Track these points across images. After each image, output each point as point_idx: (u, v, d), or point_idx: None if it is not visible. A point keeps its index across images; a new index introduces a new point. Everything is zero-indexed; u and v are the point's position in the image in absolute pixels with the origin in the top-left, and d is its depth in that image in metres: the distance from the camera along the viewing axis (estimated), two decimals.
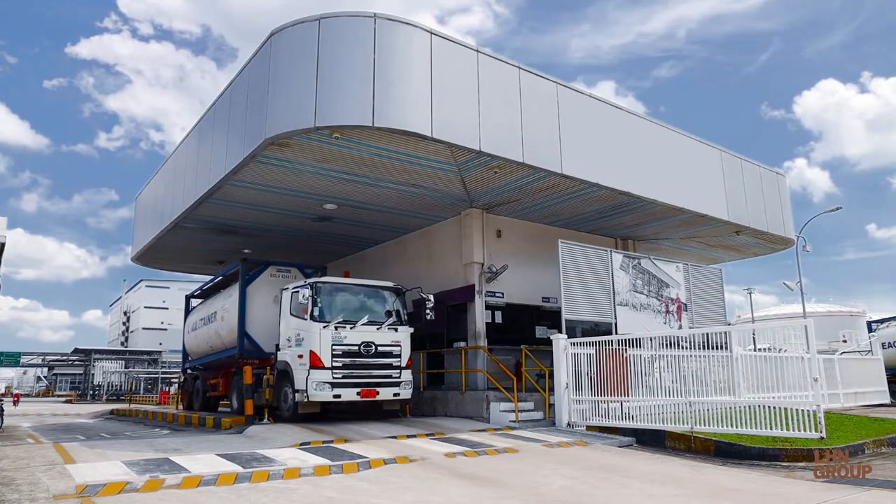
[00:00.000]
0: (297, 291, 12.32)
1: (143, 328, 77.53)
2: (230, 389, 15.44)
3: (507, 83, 11.64)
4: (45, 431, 14.85)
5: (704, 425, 9.88)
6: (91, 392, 51.39)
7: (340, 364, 11.72)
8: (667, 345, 11.19)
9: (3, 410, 15.73)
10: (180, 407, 20.29)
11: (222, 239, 17.03)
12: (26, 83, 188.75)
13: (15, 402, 30.24)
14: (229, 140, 12.22)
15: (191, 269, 22.31)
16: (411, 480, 7.31)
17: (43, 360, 60.51)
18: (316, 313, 11.93)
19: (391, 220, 15.80)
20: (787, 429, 9.35)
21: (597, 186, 13.02)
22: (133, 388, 44.91)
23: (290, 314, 12.64)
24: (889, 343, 24.64)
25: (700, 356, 10.75)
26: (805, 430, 9.34)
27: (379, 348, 12.20)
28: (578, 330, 13.16)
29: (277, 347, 13.17)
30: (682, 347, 10.92)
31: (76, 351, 56.19)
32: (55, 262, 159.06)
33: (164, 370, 53.75)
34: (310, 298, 11.91)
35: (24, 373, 70.88)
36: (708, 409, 10.43)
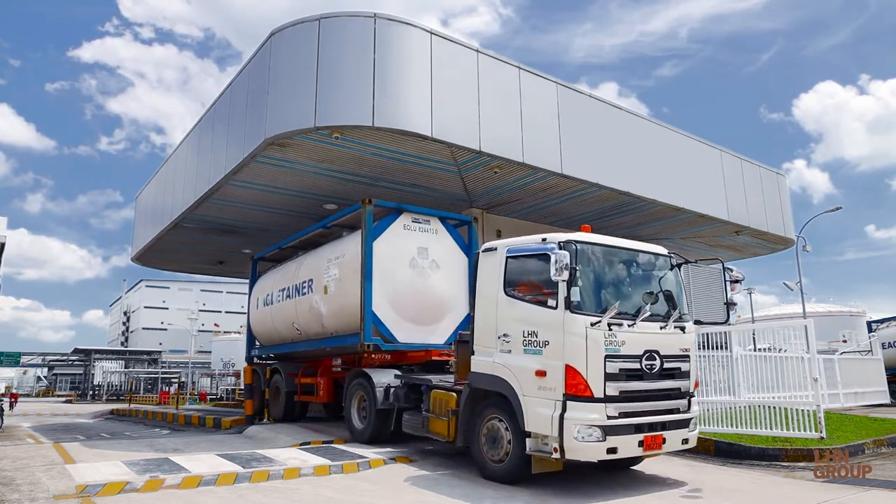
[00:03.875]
0: (533, 257, 7.22)
1: (143, 328, 77.50)
2: (343, 398, 10.73)
3: (507, 83, 11.63)
4: (45, 431, 14.85)
5: (704, 425, 9.88)
6: (91, 392, 51.36)
7: (617, 392, 6.56)
8: None
9: (2, 410, 15.73)
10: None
11: (222, 239, 17.01)
12: (29, 86, 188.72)
13: (12, 404, 29.52)
14: (229, 140, 12.22)
15: (191, 269, 22.30)
16: (412, 480, 7.31)
17: (43, 360, 60.47)
18: (576, 298, 6.66)
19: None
20: (788, 429, 9.36)
21: (597, 186, 13.01)
22: (133, 388, 44.89)
23: (509, 294, 7.31)
24: (889, 343, 24.63)
25: (700, 356, 10.76)
26: (805, 430, 9.35)
27: (665, 362, 7.00)
28: None
29: (456, 343, 8.66)
30: None
31: (76, 351, 56.15)
32: (58, 262, 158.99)
33: (164, 370, 53.73)
34: (565, 270, 6.56)
35: (25, 373, 70.83)
36: (708, 409, 10.44)
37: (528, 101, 11.81)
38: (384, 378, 9.66)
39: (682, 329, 7.25)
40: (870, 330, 29.25)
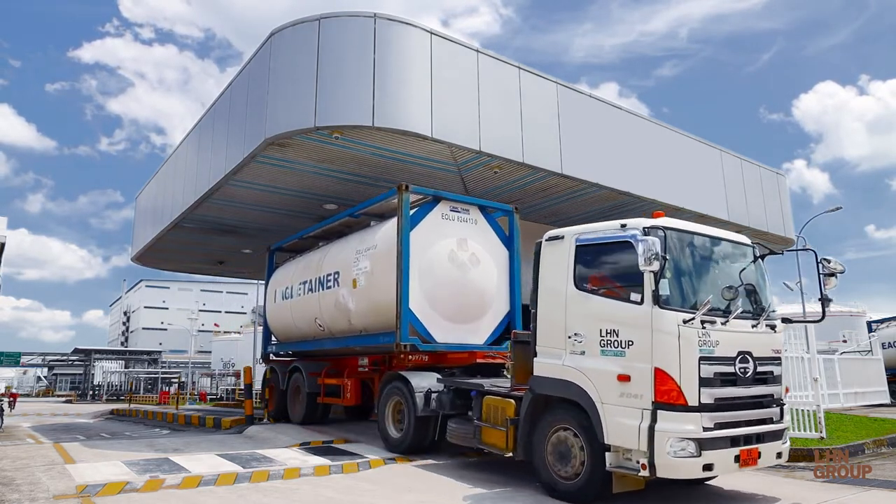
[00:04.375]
0: (611, 245, 6.40)
1: (143, 328, 77.55)
2: (375, 403, 9.85)
3: (507, 83, 11.63)
4: (45, 431, 14.85)
5: None
6: (91, 392, 51.36)
7: (711, 399, 5.79)
8: None
9: (2, 410, 15.73)
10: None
11: (222, 239, 17.01)
12: (29, 86, 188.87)
13: (11, 403, 28.78)
14: (229, 140, 12.21)
15: (191, 269, 22.29)
16: (412, 480, 7.31)
17: (43, 360, 60.50)
18: (665, 292, 5.94)
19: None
20: (788, 428, 9.34)
21: (597, 186, 13.01)
22: (133, 388, 44.89)
23: (581, 288, 6.53)
24: (889, 343, 24.64)
25: None
26: (805, 429, 9.35)
27: (757, 365, 6.24)
28: None
29: (512, 344, 7.81)
30: None
31: (76, 351, 56.17)
32: (58, 262, 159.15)
33: (164, 370, 53.75)
34: (655, 259, 5.73)
35: (25, 373, 70.83)
36: None
37: (528, 101, 11.81)
38: (425, 382, 8.78)
39: (773, 328, 6.51)
40: (870, 330, 29.26)
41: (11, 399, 32.27)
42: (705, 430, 5.63)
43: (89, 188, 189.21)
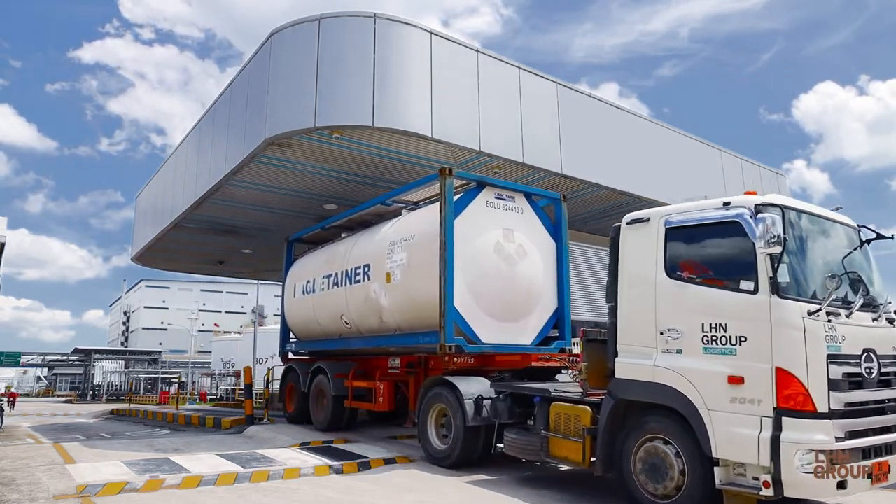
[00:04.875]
0: (711, 226, 5.64)
1: (143, 328, 77.55)
2: (416, 411, 8.79)
3: (507, 83, 11.64)
4: (45, 431, 14.85)
5: None
6: (91, 392, 51.36)
7: (841, 405, 5.03)
8: None
9: (2, 410, 15.74)
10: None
11: (222, 239, 17.01)
12: (30, 87, 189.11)
13: (11, 403, 28.12)
14: (229, 140, 12.22)
15: (191, 269, 22.30)
16: (412, 480, 7.31)
17: (43, 360, 60.48)
18: (784, 279, 5.17)
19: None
20: None
21: (597, 186, 13.02)
22: (133, 388, 44.88)
23: (675, 276, 5.77)
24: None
25: None
26: None
27: (881, 365, 5.45)
28: (578, 330, 13.14)
29: (584, 342, 7.03)
30: None
31: (76, 351, 56.17)
32: (59, 262, 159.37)
33: (164, 370, 53.73)
34: (776, 242, 5.00)
35: (24, 373, 70.80)
36: None
37: (528, 101, 11.81)
38: (474, 387, 7.84)
39: (892, 322, 5.74)
40: None
41: (11, 399, 32.21)
42: (837, 440, 4.83)
43: (90, 188, 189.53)
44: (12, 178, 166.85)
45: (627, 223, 6.32)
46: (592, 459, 6.09)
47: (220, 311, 76.59)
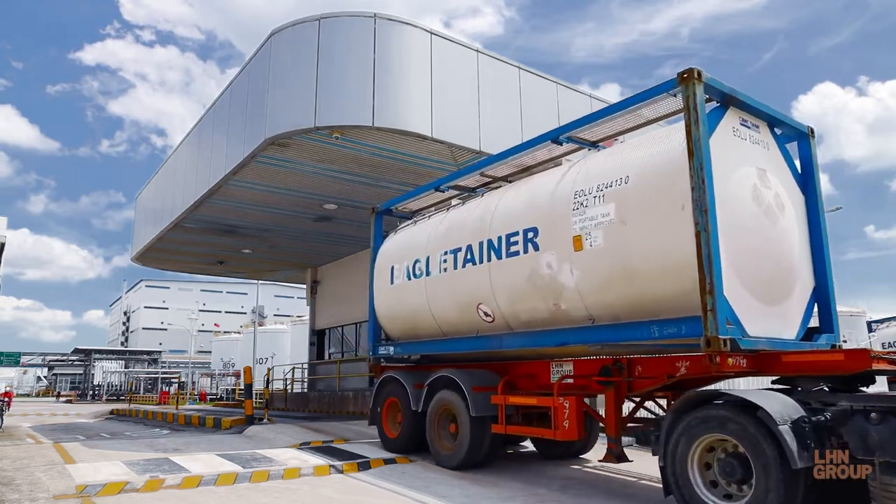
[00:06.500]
0: None
1: (143, 328, 77.63)
2: (660, 447, 5.59)
3: (507, 83, 11.65)
4: (45, 431, 14.84)
5: None
6: (91, 392, 51.37)
7: None
8: None
9: (2, 410, 15.73)
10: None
11: (222, 239, 17.02)
12: (31, 88, 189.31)
13: (7, 403, 27.63)
14: (229, 140, 12.22)
15: (191, 269, 22.30)
16: (412, 480, 7.31)
17: (43, 360, 60.50)
18: None
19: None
20: None
21: None
22: (133, 388, 44.91)
23: None
24: (889, 343, 24.66)
25: None
26: None
27: None
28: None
29: None
30: None
31: (76, 351, 56.16)
32: (60, 262, 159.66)
33: (164, 370, 53.75)
34: None
35: (25, 373, 70.89)
36: None
37: (528, 101, 11.82)
38: (785, 408, 4.95)
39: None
40: (870, 330, 29.27)
41: (6, 398, 32.21)
42: None
43: (91, 189, 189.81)
44: (14, 179, 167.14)
45: None
46: None
47: (220, 311, 76.67)
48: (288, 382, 22.39)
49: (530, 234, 7.17)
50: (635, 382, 6.66)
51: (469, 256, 8.02)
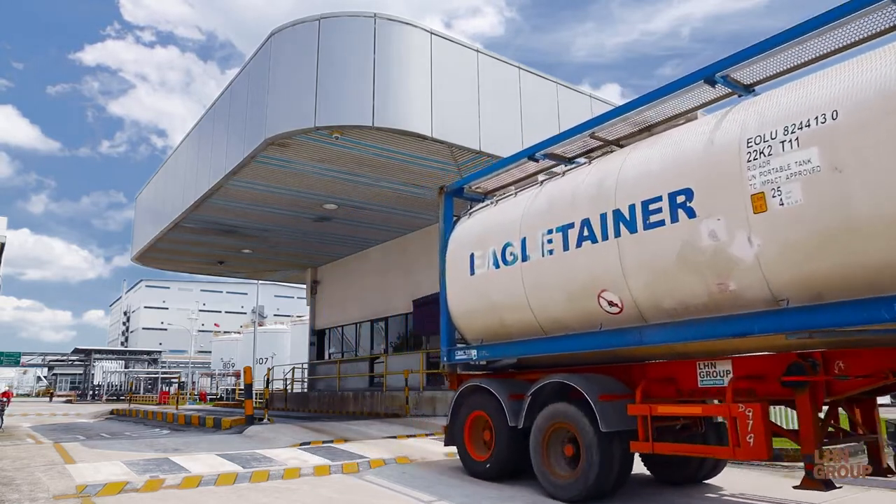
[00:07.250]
0: None
1: (143, 328, 77.64)
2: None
3: (507, 83, 11.65)
4: (45, 431, 14.83)
5: None
6: (91, 392, 51.38)
7: None
8: None
9: (2, 410, 15.73)
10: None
11: (222, 239, 17.03)
12: (32, 88, 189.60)
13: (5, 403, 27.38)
14: (229, 140, 12.22)
15: (191, 269, 22.31)
16: (412, 480, 7.31)
17: (43, 360, 60.52)
18: None
19: (391, 220, 15.78)
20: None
21: None
22: (133, 388, 44.91)
23: None
24: None
25: None
26: None
27: None
28: None
29: None
30: None
31: (76, 351, 56.19)
32: (60, 262, 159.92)
33: (164, 370, 53.77)
34: None
35: (25, 373, 70.93)
36: None
37: (528, 100, 11.82)
38: None
39: None
40: None
41: (4, 397, 32.22)
42: None
43: (91, 189, 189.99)
44: (15, 179, 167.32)
45: None
46: None
47: (220, 311, 76.70)
48: (288, 382, 22.40)
49: (680, 198, 5.63)
50: (837, 383, 5.19)
51: (586, 233, 6.42)
